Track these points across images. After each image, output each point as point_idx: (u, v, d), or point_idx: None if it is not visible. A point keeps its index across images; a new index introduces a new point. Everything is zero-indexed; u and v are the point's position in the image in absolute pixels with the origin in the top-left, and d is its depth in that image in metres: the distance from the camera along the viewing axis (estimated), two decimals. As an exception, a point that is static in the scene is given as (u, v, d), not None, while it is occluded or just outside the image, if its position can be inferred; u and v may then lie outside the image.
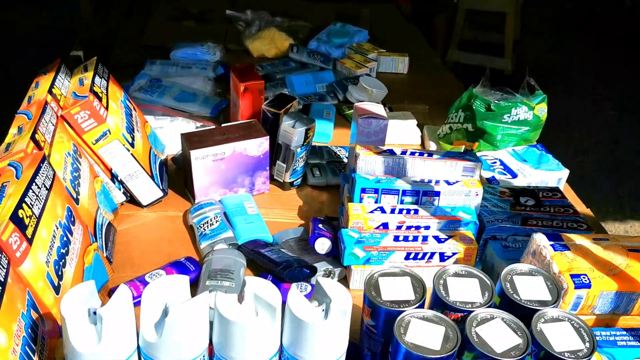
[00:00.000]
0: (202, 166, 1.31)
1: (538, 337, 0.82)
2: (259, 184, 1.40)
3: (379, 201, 1.23)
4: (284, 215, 1.36)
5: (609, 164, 3.33)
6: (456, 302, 0.86)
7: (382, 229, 1.18)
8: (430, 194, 1.23)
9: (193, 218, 1.29)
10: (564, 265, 0.98)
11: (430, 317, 0.83)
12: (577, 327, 0.84)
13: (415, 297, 0.86)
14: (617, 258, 1.01)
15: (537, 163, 1.49)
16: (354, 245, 1.14)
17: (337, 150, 1.56)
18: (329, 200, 1.43)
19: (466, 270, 0.91)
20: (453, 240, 1.17)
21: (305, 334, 0.74)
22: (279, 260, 1.14)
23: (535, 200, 1.32)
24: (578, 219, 1.27)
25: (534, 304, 0.87)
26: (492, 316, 0.84)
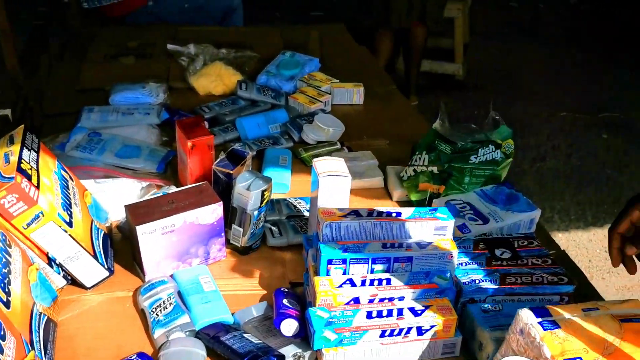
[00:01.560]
0: (151, 241, 1.18)
1: None
2: (215, 252, 1.29)
3: (348, 272, 1.13)
4: (244, 286, 1.25)
5: (567, 170, 3.32)
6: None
7: (353, 304, 1.09)
8: (402, 260, 1.13)
9: (144, 300, 1.16)
10: (556, 348, 0.90)
11: None
12: None
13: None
14: (610, 331, 0.94)
15: (508, 204, 1.42)
16: (324, 328, 1.04)
17: (297, 202, 1.46)
18: (292, 262, 1.32)
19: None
20: (430, 312, 1.08)
21: None
22: (242, 350, 1.03)
23: (511, 252, 1.24)
24: (557, 270, 1.20)
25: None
26: None
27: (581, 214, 3.01)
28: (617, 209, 2.99)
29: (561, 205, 3.04)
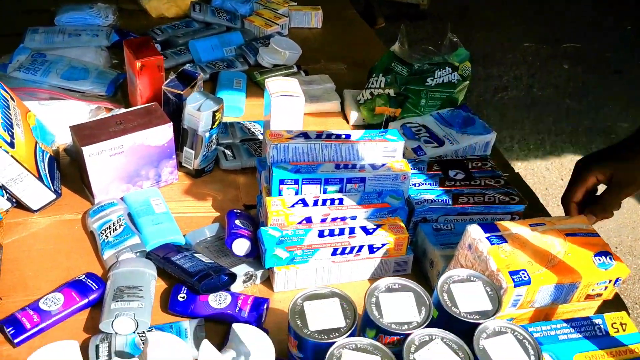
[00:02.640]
0: (99, 163, 1.15)
1: (481, 356, 0.75)
2: (166, 175, 1.26)
3: (300, 192, 1.12)
4: (196, 208, 1.24)
5: (528, 100, 3.34)
6: (391, 324, 0.77)
7: (305, 223, 1.08)
8: (355, 181, 1.13)
9: (93, 223, 1.14)
10: (501, 261, 0.91)
11: (365, 346, 0.74)
12: (520, 339, 0.78)
13: (345, 322, 0.77)
14: (554, 245, 0.95)
15: (464, 127, 1.42)
16: (275, 246, 1.03)
17: (252, 126, 1.43)
18: (245, 185, 1.31)
19: (399, 283, 0.82)
20: (382, 230, 1.08)
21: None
22: (193, 269, 1.02)
23: (465, 173, 1.25)
24: (510, 191, 1.20)
25: (474, 316, 0.80)
26: (430, 337, 0.76)
27: (540, 143, 3.05)
28: (574, 138, 3.02)
29: (521, 135, 3.07)
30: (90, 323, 0.99)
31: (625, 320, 0.94)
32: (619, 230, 2.53)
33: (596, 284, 0.94)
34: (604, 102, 3.31)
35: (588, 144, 3.02)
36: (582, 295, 0.95)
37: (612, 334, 0.92)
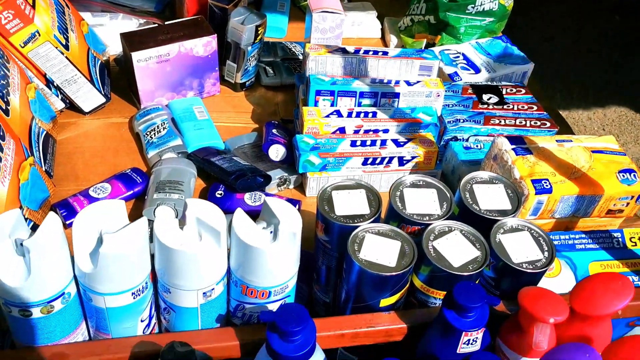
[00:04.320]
0: (146, 69, 1.21)
1: (496, 248, 0.79)
2: (209, 86, 1.31)
3: (335, 104, 1.16)
4: (236, 119, 1.29)
5: (574, 51, 3.27)
6: (413, 215, 0.82)
7: (338, 133, 1.13)
8: (389, 96, 1.16)
9: (139, 125, 1.21)
10: (525, 170, 0.95)
11: (386, 231, 0.79)
12: (536, 237, 0.81)
13: (370, 210, 0.82)
14: (579, 160, 0.98)
15: (502, 56, 1.43)
16: (309, 152, 1.08)
17: (292, 46, 1.47)
18: (284, 101, 1.35)
19: (424, 180, 0.87)
20: (412, 144, 1.12)
21: (253, 258, 0.70)
22: (230, 169, 1.08)
23: (498, 98, 1.27)
24: (542, 116, 1.22)
25: (494, 214, 0.84)
26: (450, 229, 0.81)
27: (583, 95, 3.00)
28: (621, 93, 2.95)
29: (564, 85, 3.03)
30: (134, 212, 1.06)
31: (644, 236, 0.97)
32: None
33: (618, 199, 0.97)
34: (654, 56, 3.22)
35: (634, 98, 2.97)
36: (604, 210, 0.98)
37: (629, 247, 0.95)
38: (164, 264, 0.69)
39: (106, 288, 0.67)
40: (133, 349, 0.70)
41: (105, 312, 0.70)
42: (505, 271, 0.79)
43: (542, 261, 0.79)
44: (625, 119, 2.87)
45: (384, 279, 0.74)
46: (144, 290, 0.71)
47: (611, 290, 0.72)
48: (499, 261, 0.79)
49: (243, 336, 0.73)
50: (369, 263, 0.75)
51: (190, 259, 0.67)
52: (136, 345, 0.71)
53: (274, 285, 0.72)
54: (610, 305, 0.71)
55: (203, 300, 0.72)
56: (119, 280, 0.67)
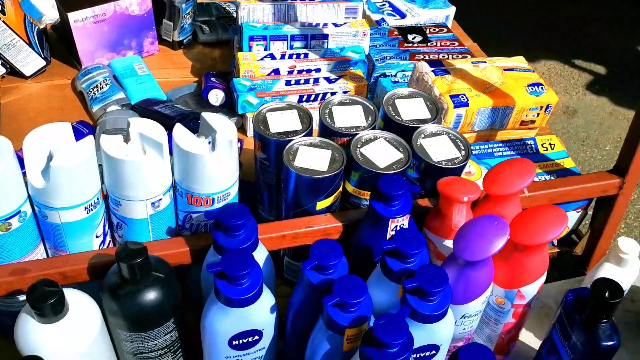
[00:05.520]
0: (83, 29, 1.25)
1: (418, 150, 0.88)
2: (147, 45, 1.36)
3: (269, 48, 1.23)
4: (176, 74, 1.35)
5: (502, 5, 3.39)
6: (341, 128, 0.89)
7: (273, 75, 1.20)
8: (319, 38, 1.23)
9: (82, 84, 1.25)
10: (444, 87, 1.03)
11: (317, 143, 0.86)
12: (453, 139, 0.90)
13: (302, 127, 0.89)
14: (492, 77, 1.07)
15: (425, 2, 1.52)
16: (246, 92, 1.15)
17: (226, 5, 1.52)
18: (221, 56, 1.41)
19: (350, 99, 0.94)
20: (343, 80, 1.20)
21: (194, 166, 0.76)
22: (172, 114, 1.14)
23: (422, 37, 1.35)
24: (463, 50, 1.32)
25: (414, 122, 0.92)
26: (375, 137, 0.89)
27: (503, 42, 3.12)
28: (550, 47, 3.06)
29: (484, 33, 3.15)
30: (83, 161, 1.11)
31: (554, 141, 1.07)
32: (586, 126, 2.66)
33: (529, 110, 1.06)
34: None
35: (562, 52, 3.11)
36: (517, 121, 1.08)
37: (541, 152, 1.05)
38: (112, 177, 0.75)
39: (60, 202, 0.73)
40: (91, 261, 0.76)
41: (61, 228, 0.75)
42: (427, 170, 0.87)
43: (460, 158, 0.88)
44: (554, 71, 3.02)
45: (317, 181, 0.82)
46: (96, 206, 0.77)
47: (516, 172, 0.81)
48: (421, 162, 0.87)
49: (192, 243, 0.80)
50: (303, 169, 0.82)
51: (136, 169, 0.73)
52: (93, 257, 0.76)
53: (217, 191, 0.79)
54: (515, 184, 0.80)
55: (152, 210, 0.78)
56: (71, 193, 0.73)
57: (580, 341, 0.76)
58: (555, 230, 0.75)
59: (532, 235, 0.75)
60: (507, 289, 0.80)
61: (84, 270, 0.76)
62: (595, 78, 2.92)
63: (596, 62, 3.07)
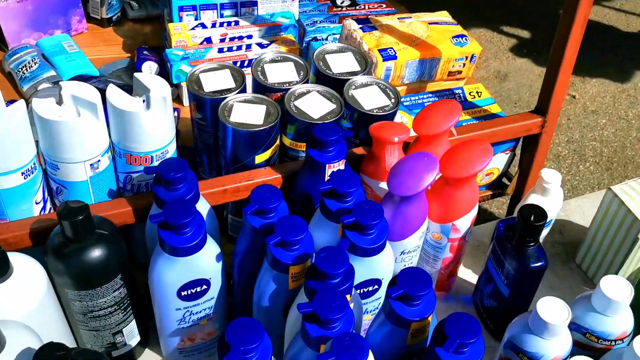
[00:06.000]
0: (7, 9, 1.23)
1: (350, 101, 0.91)
2: (75, 23, 1.35)
3: (199, 18, 1.23)
4: (107, 52, 1.34)
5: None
6: (274, 84, 0.92)
7: (205, 44, 1.20)
8: (248, 5, 1.25)
9: (9, 64, 1.23)
10: (372, 42, 1.07)
11: (251, 99, 0.88)
12: (383, 88, 0.93)
13: (235, 84, 0.91)
14: (418, 31, 1.11)
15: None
16: (180, 62, 1.15)
17: (154, -19, 1.51)
18: (152, 32, 1.41)
19: (282, 55, 0.96)
20: (275, 45, 1.21)
21: (131, 124, 0.77)
22: (106, 88, 1.13)
23: (350, 1, 1.38)
24: (391, 11, 1.35)
25: (345, 75, 0.95)
26: (308, 90, 0.91)
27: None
28: (479, 13, 3.13)
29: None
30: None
31: (480, 89, 1.12)
32: (517, 89, 2.75)
33: (455, 60, 1.11)
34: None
35: (491, 19, 3.20)
36: (445, 72, 1.12)
37: (469, 100, 1.10)
38: (47, 140, 0.75)
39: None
40: (32, 226, 0.76)
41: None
42: (360, 119, 0.90)
43: (390, 105, 0.91)
44: (484, 38, 3.10)
45: (254, 134, 0.84)
46: (33, 171, 0.77)
47: (443, 113, 0.85)
48: (353, 111, 0.90)
49: (134, 202, 0.81)
50: (239, 124, 0.84)
51: (71, 129, 0.74)
52: (35, 223, 0.77)
53: (155, 149, 0.80)
54: (442, 124, 0.84)
55: (91, 172, 0.78)
56: (6, 158, 0.73)
57: (512, 266, 0.81)
58: (481, 163, 0.79)
59: (460, 169, 0.79)
60: (442, 223, 0.84)
61: (26, 236, 0.76)
62: (522, 42, 3.02)
63: (523, 28, 3.18)
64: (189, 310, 0.77)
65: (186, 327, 0.79)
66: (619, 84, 2.76)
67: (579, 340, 0.74)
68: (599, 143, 2.48)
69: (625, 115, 2.63)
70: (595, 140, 2.50)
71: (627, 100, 2.69)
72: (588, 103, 2.67)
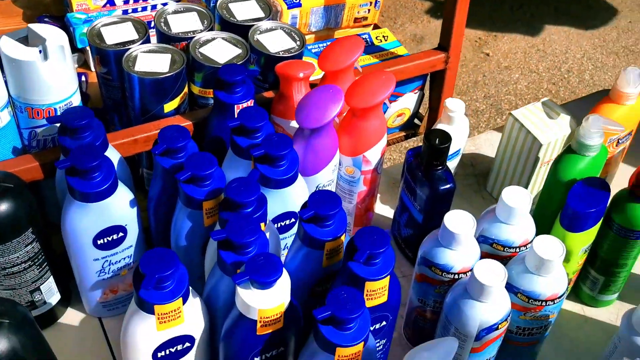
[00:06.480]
0: None
1: (256, 45, 0.91)
2: (-29, -4, 1.29)
3: (100, -20, 1.21)
4: (6, 23, 1.28)
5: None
6: (179, 34, 0.91)
7: (109, 6, 1.18)
8: (149, -36, 1.23)
9: None
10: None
11: (155, 49, 0.88)
12: (288, 32, 0.94)
13: (138, 36, 0.90)
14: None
15: None
16: (82, 25, 1.13)
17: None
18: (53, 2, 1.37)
19: (184, 6, 0.96)
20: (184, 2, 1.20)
21: (28, 74, 0.75)
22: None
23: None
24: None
25: (250, 22, 0.95)
26: (213, 37, 0.91)
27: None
28: None
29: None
30: None
31: (387, 33, 1.15)
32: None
33: (359, 6, 1.13)
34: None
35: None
36: (351, 19, 1.14)
37: (376, 44, 1.13)
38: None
39: None
40: None
41: None
42: (267, 62, 0.91)
43: (295, 47, 0.92)
44: (399, 3, 3.16)
45: (160, 82, 0.84)
46: None
47: (346, 49, 0.87)
48: (260, 55, 0.91)
49: (41, 158, 0.79)
50: (144, 72, 0.84)
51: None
52: None
53: (57, 101, 0.79)
54: (346, 59, 0.86)
55: (-9, 129, 0.76)
56: None
57: (423, 192, 0.84)
58: (384, 91, 0.81)
59: (365, 98, 0.81)
60: (353, 156, 0.86)
61: None
62: (437, 5, 3.09)
63: (435, -10, 3.25)
64: (107, 260, 0.77)
65: (107, 278, 0.79)
66: (528, 40, 2.86)
67: (487, 251, 0.78)
68: (513, 96, 2.58)
69: (536, 68, 2.74)
70: (510, 94, 2.60)
71: (537, 54, 2.81)
72: (501, 59, 2.77)
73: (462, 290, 0.70)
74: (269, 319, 0.62)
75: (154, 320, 0.62)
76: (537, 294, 0.72)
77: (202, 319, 0.67)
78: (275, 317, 0.62)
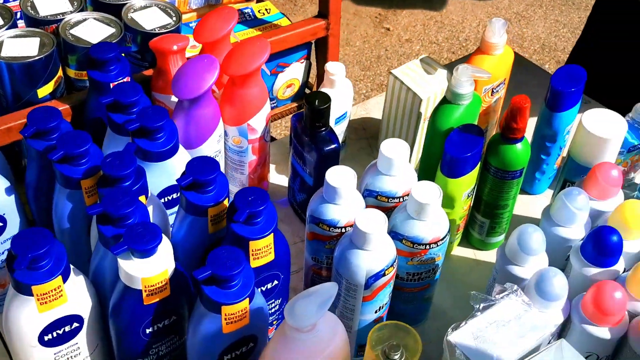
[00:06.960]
0: None
1: (130, 23, 0.90)
2: None
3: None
4: None
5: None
6: (47, 16, 0.88)
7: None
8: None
9: None
10: (150, -30, 1.06)
11: (22, 33, 0.85)
12: (163, 8, 0.93)
13: (3, 22, 0.86)
14: (198, -44, 1.12)
15: None
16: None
17: None
18: None
19: (52, -11, 0.93)
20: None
21: None
22: None
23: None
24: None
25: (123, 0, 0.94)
26: (84, 18, 0.89)
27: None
28: None
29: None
30: None
31: (269, 6, 1.15)
32: (335, 29, 2.85)
33: (239, -19, 1.13)
34: None
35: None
36: (232, -6, 1.14)
37: (259, 17, 1.13)
38: None
39: None
40: None
41: None
42: (144, 40, 0.90)
43: (171, 23, 0.91)
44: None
45: (30, 65, 0.81)
46: None
47: (221, 19, 0.87)
48: (136, 33, 0.90)
49: None
50: (12, 58, 0.81)
51: None
52: None
53: None
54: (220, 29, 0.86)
55: None
56: None
57: (311, 155, 0.86)
58: (260, 57, 0.82)
59: (241, 65, 0.81)
60: (237, 125, 0.86)
61: None
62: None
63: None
64: (-12, 253, 0.74)
65: (-9, 272, 0.76)
66: (427, 12, 2.94)
67: (372, 204, 0.80)
68: (415, 67, 2.64)
69: (436, 39, 2.82)
70: (412, 66, 2.66)
71: (436, 25, 2.88)
72: (402, 33, 2.83)
73: (348, 242, 0.72)
74: (154, 287, 0.61)
75: (34, 302, 0.60)
76: (420, 238, 0.74)
77: (89, 297, 0.66)
78: (161, 285, 0.62)
